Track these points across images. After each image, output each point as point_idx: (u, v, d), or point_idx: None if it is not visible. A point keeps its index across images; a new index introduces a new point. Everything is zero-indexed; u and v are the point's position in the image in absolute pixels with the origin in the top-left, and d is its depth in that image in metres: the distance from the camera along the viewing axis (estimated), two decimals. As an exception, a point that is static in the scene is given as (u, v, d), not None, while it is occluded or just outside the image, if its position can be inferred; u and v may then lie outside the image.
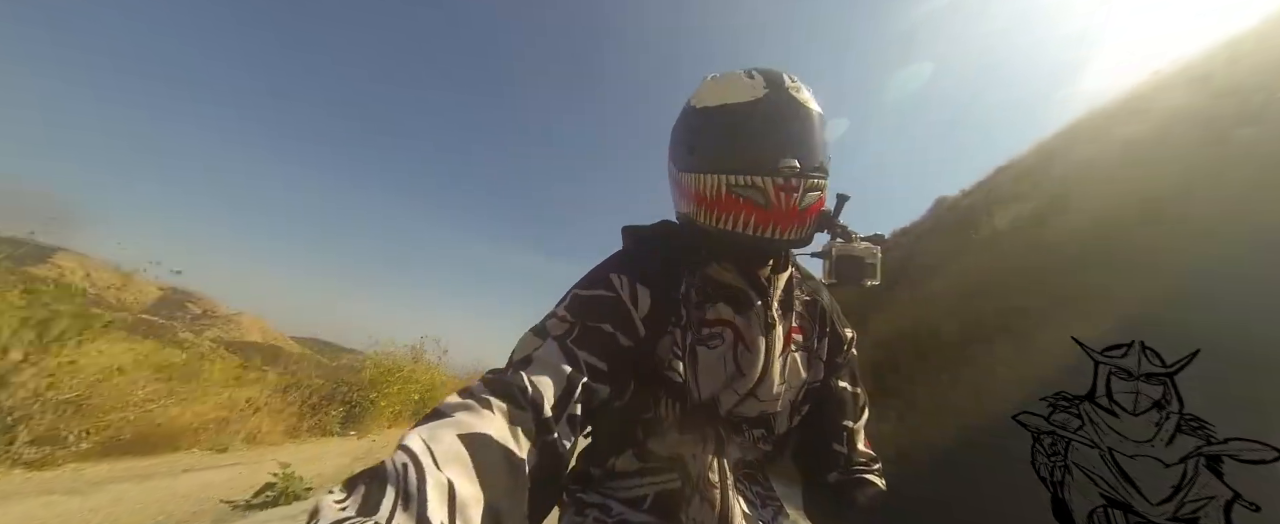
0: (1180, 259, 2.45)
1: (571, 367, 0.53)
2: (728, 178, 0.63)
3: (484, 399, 0.44)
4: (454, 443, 0.38)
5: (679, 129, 0.71)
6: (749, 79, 0.64)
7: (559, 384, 0.51)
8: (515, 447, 0.42)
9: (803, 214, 0.63)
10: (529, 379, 0.48)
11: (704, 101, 0.67)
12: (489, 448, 0.40)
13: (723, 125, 0.65)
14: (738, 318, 0.69)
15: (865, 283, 0.63)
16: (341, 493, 0.32)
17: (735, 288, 0.70)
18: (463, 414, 0.41)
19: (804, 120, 0.65)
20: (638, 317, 0.63)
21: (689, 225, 0.72)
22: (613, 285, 0.64)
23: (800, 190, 0.62)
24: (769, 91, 0.63)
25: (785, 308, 0.73)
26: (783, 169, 0.60)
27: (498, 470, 0.39)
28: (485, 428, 0.41)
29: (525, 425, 0.45)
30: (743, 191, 0.62)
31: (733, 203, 0.63)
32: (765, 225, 0.63)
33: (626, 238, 0.76)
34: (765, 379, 0.68)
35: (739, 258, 0.70)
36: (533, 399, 0.47)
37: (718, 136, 0.66)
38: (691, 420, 0.68)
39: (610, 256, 0.72)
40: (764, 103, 0.63)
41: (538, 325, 0.60)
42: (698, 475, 0.66)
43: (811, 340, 0.76)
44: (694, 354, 0.67)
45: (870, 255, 0.63)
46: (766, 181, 0.61)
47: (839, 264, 0.63)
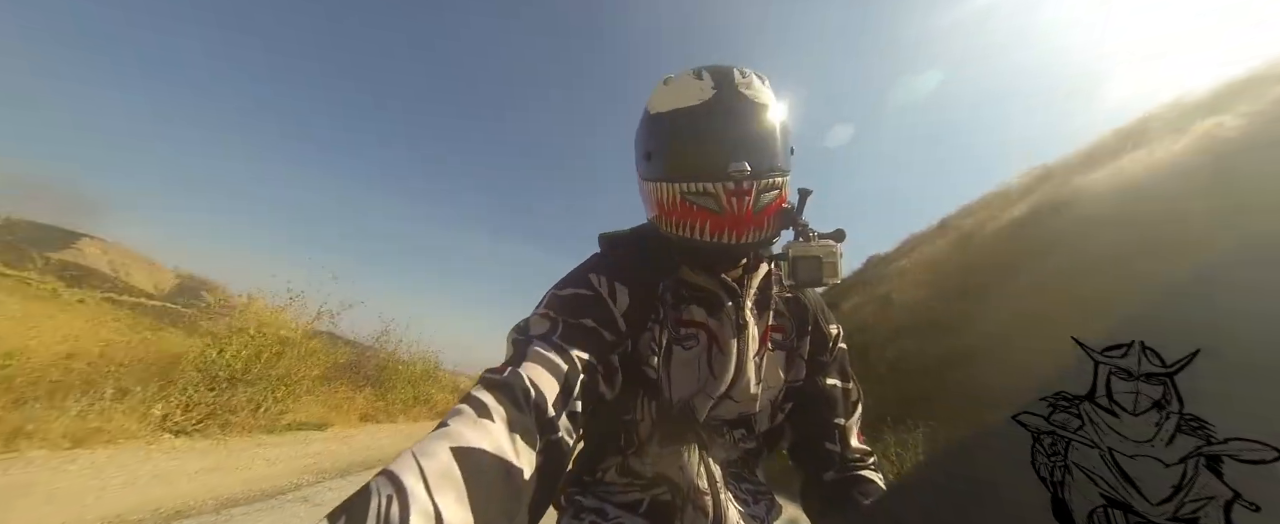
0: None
1: (566, 363, 0.53)
2: (681, 186, 0.63)
3: (484, 406, 0.44)
4: (448, 461, 0.37)
5: (639, 135, 0.70)
6: (698, 80, 0.63)
7: (558, 381, 0.51)
8: (514, 457, 0.42)
9: (759, 216, 0.63)
10: (529, 379, 0.48)
11: (657, 107, 0.66)
12: (484, 463, 0.39)
13: (673, 131, 0.64)
14: (710, 320, 0.69)
15: (825, 282, 0.62)
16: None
17: (707, 290, 0.70)
18: (461, 426, 0.41)
19: (754, 119, 0.63)
20: (618, 312, 0.64)
21: (658, 230, 0.72)
22: (591, 284, 0.65)
23: (754, 192, 0.61)
24: (717, 92, 0.62)
25: (761, 307, 0.73)
26: (732, 174, 0.59)
27: (492, 488, 0.38)
28: (482, 441, 0.40)
29: (527, 428, 0.45)
30: (696, 199, 0.62)
31: (688, 211, 0.63)
32: (720, 231, 0.62)
33: (603, 244, 0.76)
34: (739, 381, 0.68)
35: (708, 262, 0.70)
36: (536, 401, 0.47)
37: (669, 144, 0.65)
38: (671, 430, 0.68)
39: (586, 259, 0.73)
40: (712, 105, 0.62)
41: (520, 324, 0.60)
42: (687, 486, 0.66)
43: (791, 338, 0.75)
44: (670, 353, 0.67)
45: (828, 254, 0.61)
46: (718, 187, 0.61)
47: (795, 266, 0.61)
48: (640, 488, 0.70)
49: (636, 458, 0.69)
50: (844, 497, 0.70)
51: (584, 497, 0.72)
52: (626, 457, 0.69)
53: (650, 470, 0.68)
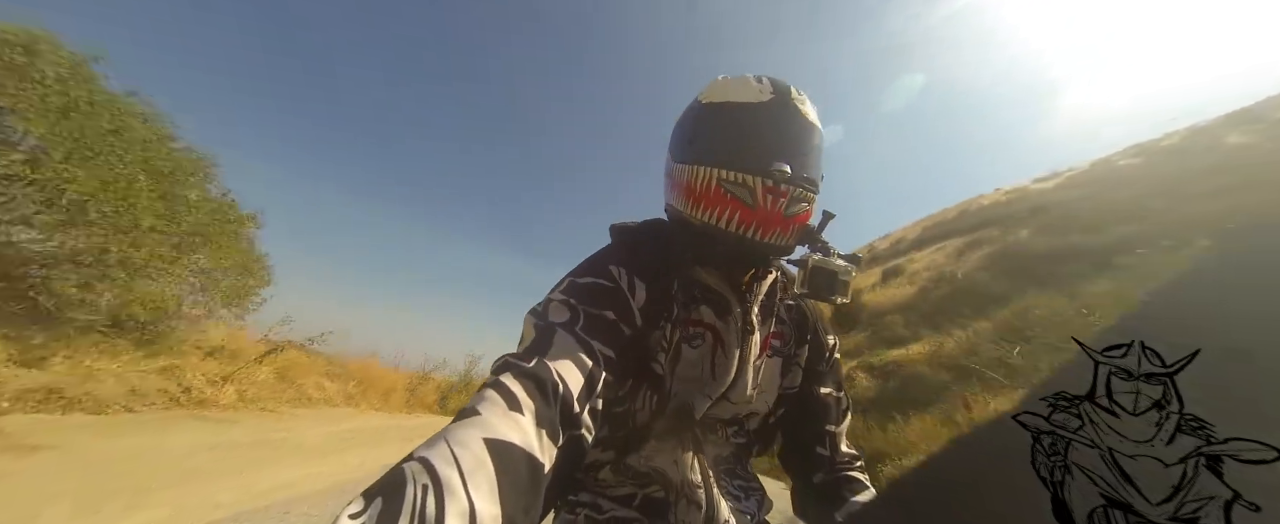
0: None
1: (590, 358, 0.53)
2: (719, 172, 0.63)
3: (514, 397, 0.43)
4: (481, 453, 0.37)
5: (683, 122, 0.72)
6: (757, 83, 0.66)
7: (583, 375, 0.51)
8: (539, 452, 0.42)
9: (786, 221, 0.63)
10: (557, 372, 0.48)
11: (710, 98, 0.68)
12: (514, 457, 0.39)
13: (723, 122, 0.66)
14: (718, 322, 0.70)
15: (835, 299, 0.63)
16: (357, 507, 0.32)
17: (717, 292, 0.71)
18: (492, 416, 0.41)
19: (802, 131, 0.65)
20: (635, 307, 0.64)
21: (677, 221, 0.73)
22: (612, 275, 0.65)
23: (787, 197, 0.62)
24: (774, 97, 0.64)
25: (766, 314, 0.74)
26: (773, 171, 0.61)
27: (520, 483, 0.39)
28: (512, 434, 0.40)
29: (552, 424, 0.45)
30: (731, 188, 0.63)
31: (720, 197, 0.63)
32: (748, 225, 0.63)
33: (615, 234, 0.76)
34: (739, 383, 0.69)
35: (723, 262, 0.71)
36: (563, 396, 0.47)
37: (717, 131, 0.66)
38: (668, 426, 0.69)
39: (604, 248, 0.72)
40: (767, 107, 0.64)
41: (538, 308, 0.59)
42: (680, 481, 0.67)
43: (790, 346, 0.77)
44: (677, 350, 0.68)
45: (845, 272, 0.63)
46: (755, 181, 0.62)
47: (813, 275, 0.63)
48: (634, 484, 0.70)
49: (632, 453, 0.69)
50: (834, 495, 0.72)
51: (578, 493, 0.73)
52: (622, 452, 0.70)
53: (644, 466, 0.69)
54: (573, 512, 0.71)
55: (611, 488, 0.71)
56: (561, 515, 0.72)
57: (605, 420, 0.70)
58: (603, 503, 0.70)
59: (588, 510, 0.70)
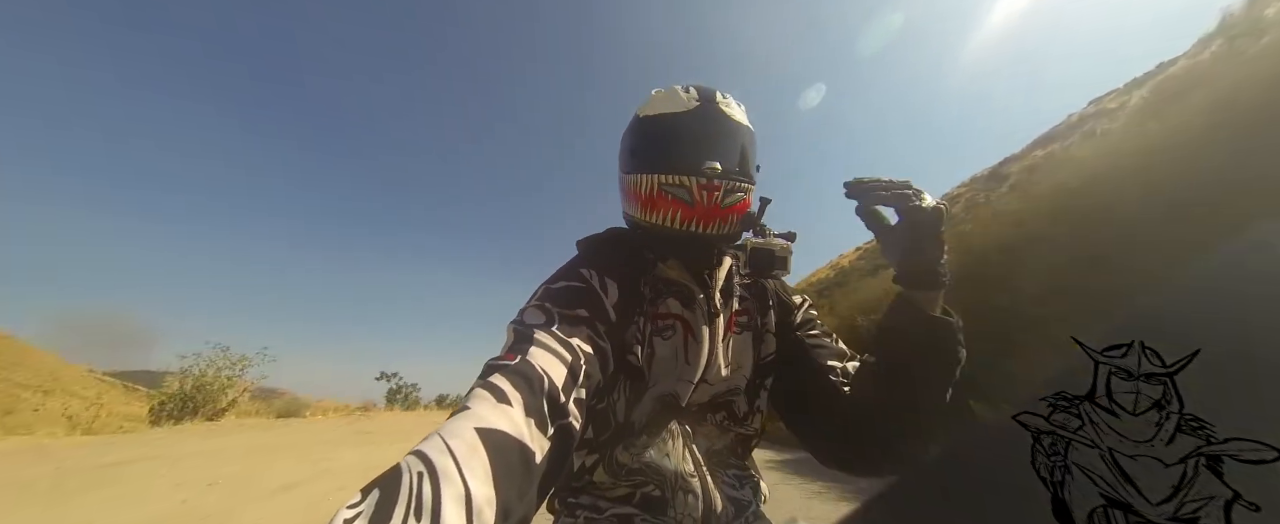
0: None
1: (569, 353, 0.55)
2: (659, 177, 0.70)
3: (501, 391, 0.45)
4: (473, 440, 0.39)
5: (626, 136, 0.78)
6: (685, 93, 0.72)
7: (565, 367, 0.53)
8: (529, 440, 0.43)
9: (725, 212, 0.70)
10: (540, 366, 0.50)
11: (646, 111, 0.75)
12: (505, 444, 0.41)
13: (658, 132, 0.72)
14: (685, 311, 0.74)
15: (776, 274, 0.68)
16: (355, 500, 0.33)
17: (681, 284, 0.76)
18: (482, 408, 0.43)
19: (729, 132, 0.72)
20: (609, 304, 0.68)
21: (633, 226, 0.79)
22: (583, 277, 0.69)
23: (722, 190, 0.69)
24: (700, 105, 0.71)
25: (727, 296, 0.79)
26: (705, 170, 0.67)
27: (512, 468, 0.40)
28: (502, 423, 0.42)
29: (541, 413, 0.46)
30: (671, 190, 0.69)
31: (663, 200, 0.70)
32: (690, 220, 0.69)
33: (583, 246, 0.81)
34: (712, 364, 0.74)
35: (682, 255, 0.76)
36: (548, 387, 0.49)
37: (653, 141, 0.73)
38: (655, 419, 0.72)
39: (573, 257, 0.77)
40: (695, 113, 0.71)
41: (516, 319, 0.62)
42: (673, 473, 0.70)
43: (755, 318, 0.81)
44: (652, 344, 0.72)
45: (782, 250, 0.67)
46: (691, 181, 0.68)
47: (753, 256, 0.67)
48: (630, 483, 0.72)
49: (623, 451, 0.71)
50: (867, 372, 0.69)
51: (576, 497, 0.74)
52: (613, 451, 0.72)
53: (636, 462, 0.71)
54: (572, 514, 0.72)
55: (609, 490, 0.73)
56: (561, 519, 0.73)
57: (590, 419, 0.71)
58: (602, 503, 0.72)
59: (587, 512, 0.72)
